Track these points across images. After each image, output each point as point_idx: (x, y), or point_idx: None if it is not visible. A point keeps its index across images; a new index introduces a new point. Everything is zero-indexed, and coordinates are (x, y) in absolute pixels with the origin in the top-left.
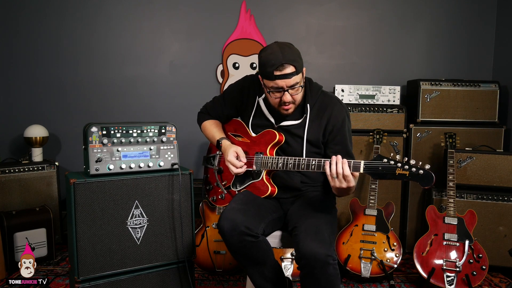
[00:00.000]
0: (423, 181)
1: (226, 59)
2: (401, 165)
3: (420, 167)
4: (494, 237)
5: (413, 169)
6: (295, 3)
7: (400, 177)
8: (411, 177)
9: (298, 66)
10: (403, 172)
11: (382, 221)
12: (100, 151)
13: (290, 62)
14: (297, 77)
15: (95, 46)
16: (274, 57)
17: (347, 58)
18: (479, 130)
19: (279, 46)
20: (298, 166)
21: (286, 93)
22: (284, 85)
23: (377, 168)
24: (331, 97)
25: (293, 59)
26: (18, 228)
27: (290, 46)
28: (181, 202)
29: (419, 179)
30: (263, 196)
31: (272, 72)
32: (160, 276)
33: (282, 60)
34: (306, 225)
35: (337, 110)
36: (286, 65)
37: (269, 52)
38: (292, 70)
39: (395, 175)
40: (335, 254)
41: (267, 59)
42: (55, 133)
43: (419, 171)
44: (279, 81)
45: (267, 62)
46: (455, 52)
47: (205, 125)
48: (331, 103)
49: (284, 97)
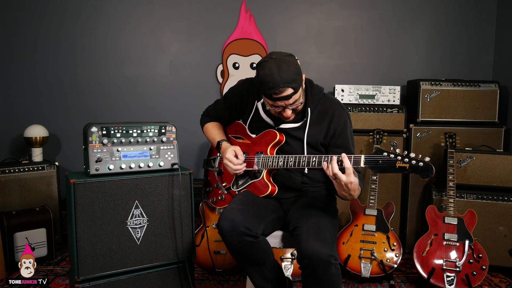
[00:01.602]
0: (423, 172)
1: (226, 59)
2: (401, 158)
3: (420, 159)
4: (494, 237)
5: (413, 161)
6: (295, 3)
7: (401, 170)
8: (411, 170)
9: (297, 86)
10: (403, 165)
11: (382, 221)
12: (100, 151)
13: (288, 84)
14: (296, 95)
15: (95, 46)
16: (271, 79)
17: (347, 58)
18: (479, 130)
19: (276, 65)
20: (299, 163)
21: (286, 109)
22: (284, 104)
23: (377, 162)
24: (332, 101)
25: (291, 80)
26: (18, 228)
27: (289, 63)
28: (181, 202)
29: (419, 171)
30: (263, 195)
31: (271, 95)
32: (160, 276)
33: (280, 84)
34: (308, 225)
35: (338, 114)
36: (284, 88)
37: (267, 72)
38: (291, 91)
39: (395, 168)
40: (337, 254)
41: (264, 81)
42: (55, 133)
43: (419, 163)
44: (279, 102)
45: (264, 84)
46: (455, 52)
47: (207, 127)
48: (332, 107)
49: (284, 112)
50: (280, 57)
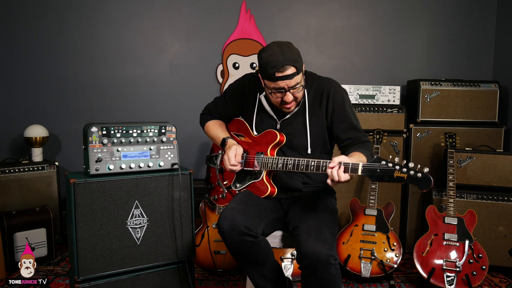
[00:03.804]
0: (421, 184)
1: (226, 59)
2: (399, 168)
3: (418, 170)
4: (494, 237)
5: (411, 172)
6: (295, 3)
7: (398, 180)
8: (409, 180)
9: (299, 66)
10: (401, 175)
11: (382, 221)
12: (100, 151)
13: (291, 63)
14: (298, 77)
15: (95, 46)
16: (274, 58)
17: (347, 58)
18: (479, 130)
19: (279, 47)
20: (297, 167)
21: (287, 93)
22: (286, 85)
23: (375, 170)
24: (326, 79)
25: (294, 59)
26: (18, 228)
27: (290, 46)
28: (181, 202)
29: (417, 183)
30: (263, 196)
31: (274, 73)
32: (160, 276)
33: (283, 62)
34: (307, 225)
35: (334, 89)
36: (287, 66)
37: (270, 53)
38: (293, 70)
39: (393, 177)
40: (336, 254)
41: (268, 61)
42: (55, 133)
43: (417, 174)
44: (281, 82)
45: (268, 64)
46: (455, 52)
47: (208, 125)
48: (326, 84)
49: (285, 97)
50: (281, 41)
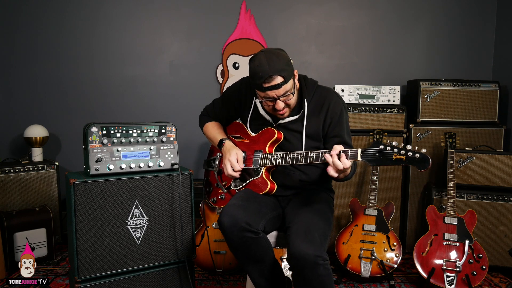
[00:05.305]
0: (420, 164)
1: (226, 59)
2: (398, 150)
3: (416, 151)
4: (494, 237)
5: (409, 153)
6: (295, 3)
7: (398, 162)
8: (408, 161)
9: (287, 75)
10: (400, 157)
11: (382, 221)
12: (100, 151)
13: (278, 72)
14: (287, 85)
15: (95, 46)
16: (261, 69)
17: (347, 58)
18: (479, 130)
19: (266, 56)
20: (296, 159)
21: (278, 101)
22: (275, 95)
23: (374, 155)
24: (328, 90)
25: (280, 69)
26: (18, 228)
27: (278, 54)
28: (181, 202)
29: (416, 163)
30: (262, 192)
31: (261, 84)
32: (160, 276)
33: (269, 72)
34: (297, 225)
35: (335, 103)
36: (274, 76)
37: (257, 63)
38: (281, 80)
39: (392, 160)
40: (325, 254)
41: (255, 71)
42: (55, 133)
43: (415, 155)
44: (269, 92)
45: (255, 74)
46: (455, 52)
47: (207, 127)
48: (328, 96)
49: (276, 105)
50: (270, 50)
